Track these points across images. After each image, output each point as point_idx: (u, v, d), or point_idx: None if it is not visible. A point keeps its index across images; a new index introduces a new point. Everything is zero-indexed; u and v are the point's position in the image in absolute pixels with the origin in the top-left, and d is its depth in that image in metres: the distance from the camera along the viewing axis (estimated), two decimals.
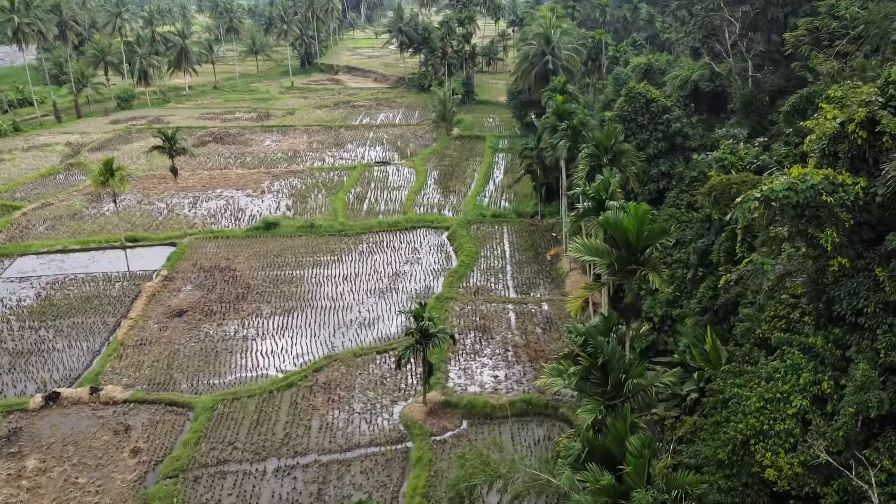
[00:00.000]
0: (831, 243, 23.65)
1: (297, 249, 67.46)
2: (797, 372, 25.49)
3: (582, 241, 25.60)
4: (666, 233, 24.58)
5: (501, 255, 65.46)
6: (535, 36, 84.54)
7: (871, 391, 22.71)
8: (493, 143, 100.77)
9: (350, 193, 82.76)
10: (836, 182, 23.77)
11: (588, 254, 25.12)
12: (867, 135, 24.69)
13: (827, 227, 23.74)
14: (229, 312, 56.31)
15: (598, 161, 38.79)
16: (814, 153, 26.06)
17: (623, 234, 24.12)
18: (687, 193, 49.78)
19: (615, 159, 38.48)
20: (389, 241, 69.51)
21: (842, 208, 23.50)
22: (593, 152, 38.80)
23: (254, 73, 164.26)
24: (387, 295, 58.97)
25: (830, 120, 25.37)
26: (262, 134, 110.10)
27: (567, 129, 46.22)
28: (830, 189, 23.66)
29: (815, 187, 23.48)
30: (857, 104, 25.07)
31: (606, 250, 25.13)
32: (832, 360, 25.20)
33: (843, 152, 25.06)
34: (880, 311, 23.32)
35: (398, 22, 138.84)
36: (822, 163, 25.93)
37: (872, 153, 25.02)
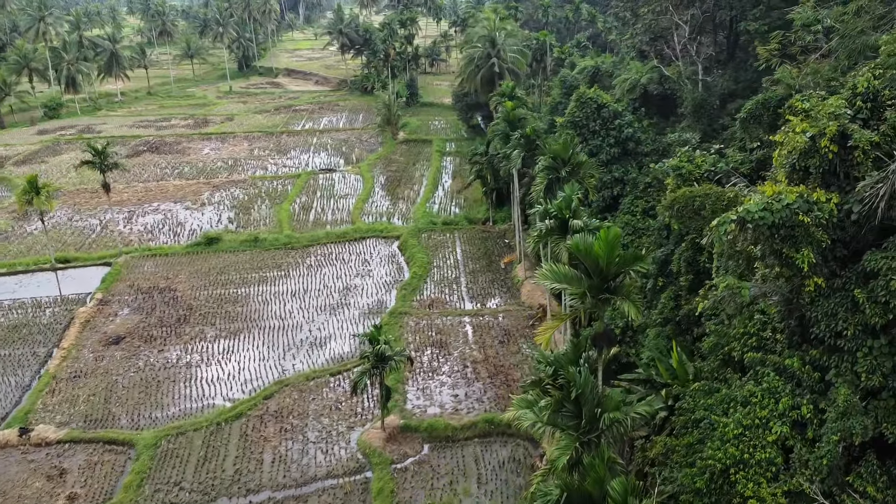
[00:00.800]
0: (808, 264, 22.65)
1: (241, 265, 64.44)
2: (775, 396, 24.51)
3: (550, 268, 24.06)
4: (639, 259, 23.25)
5: (455, 264, 63.80)
6: (479, 38, 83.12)
7: (854, 417, 21.82)
8: (441, 147, 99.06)
9: (295, 203, 79.89)
10: (811, 200, 22.79)
11: (557, 281, 23.60)
12: (838, 149, 23.82)
13: (803, 247, 22.72)
14: (170, 337, 53.13)
15: (556, 174, 37.46)
16: (783, 168, 25.07)
17: (594, 260, 22.69)
18: (642, 200, 49.05)
19: (573, 171, 37.23)
20: (338, 253, 67.09)
21: (818, 228, 22.52)
22: (550, 164, 37.46)
23: (190, 78, 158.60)
24: (338, 311, 56.64)
25: (800, 134, 24.40)
26: (200, 142, 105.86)
27: (520, 139, 44.84)
28: (805, 208, 22.67)
29: (791, 207, 22.44)
30: (826, 117, 24.16)
31: (576, 276, 23.66)
32: (810, 382, 24.29)
33: (815, 167, 24.13)
34: (860, 334, 22.44)
35: (338, 23, 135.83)
36: (793, 178, 24.99)
37: (843, 167, 24.17)
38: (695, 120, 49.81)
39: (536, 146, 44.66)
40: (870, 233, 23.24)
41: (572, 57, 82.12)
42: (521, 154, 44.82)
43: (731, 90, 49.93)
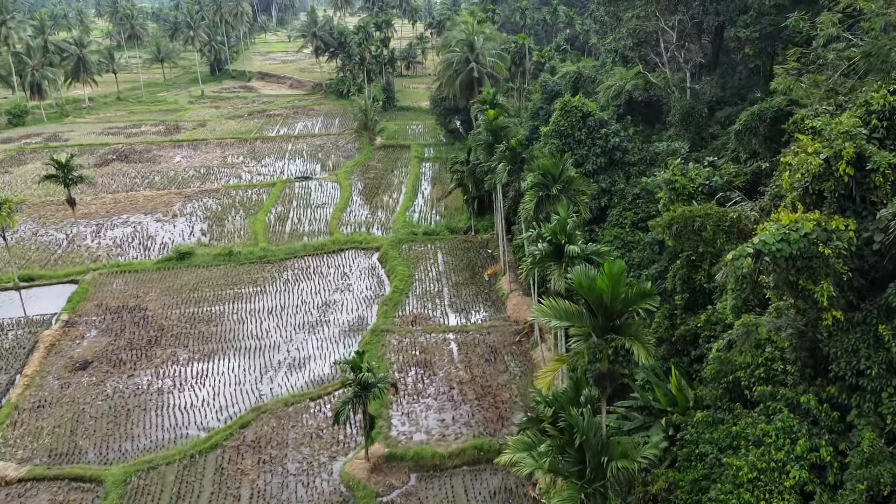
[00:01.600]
0: (827, 298, 20.93)
1: (214, 281, 61.74)
2: (791, 436, 22.80)
3: (549, 303, 22.11)
4: (648, 296, 21.43)
5: (437, 276, 61.70)
6: (457, 42, 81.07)
7: (882, 464, 20.14)
8: (419, 153, 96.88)
9: (270, 214, 77.26)
10: (829, 228, 21.07)
11: (557, 318, 21.65)
12: (854, 171, 22.16)
13: (821, 280, 21.00)
14: (141, 361, 50.39)
15: (546, 191, 35.56)
16: (795, 191, 23.36)
17: (597, 296, 20.79)
18: (630, 212, 47.36)
19: (564, 188, 35.39)
20: (316, 267, 64.65)
21: (838, 259, 20.81)
22: (540, 181, 35.58)
23: (160, 82, 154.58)
24: (317, 329, 54.28)
25: (812, 155, 22.69)
26: (171, 149, 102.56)
27: (506, 151, 42.93)
28: (824, 237, 20.94)
29: (809, 237, 20.69)
30: (840, 137, 22.49)
31: (577, 313, 21.73)
32: (828, 422, 22.61)
33: (830, 191, 22.44)
34: (884, 373, 20.78)
35: (312, 26, 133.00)
36: (805, 202, 23.30)
37: (860, 191, 22.53)
38: (683, 128, 48.26)
39: (522, 159, 42.74)
40: (891, 262, 21.60)
41: (552, 61, 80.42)
42: (507, 167, 42.89)
43: (718, 97, 48.45)
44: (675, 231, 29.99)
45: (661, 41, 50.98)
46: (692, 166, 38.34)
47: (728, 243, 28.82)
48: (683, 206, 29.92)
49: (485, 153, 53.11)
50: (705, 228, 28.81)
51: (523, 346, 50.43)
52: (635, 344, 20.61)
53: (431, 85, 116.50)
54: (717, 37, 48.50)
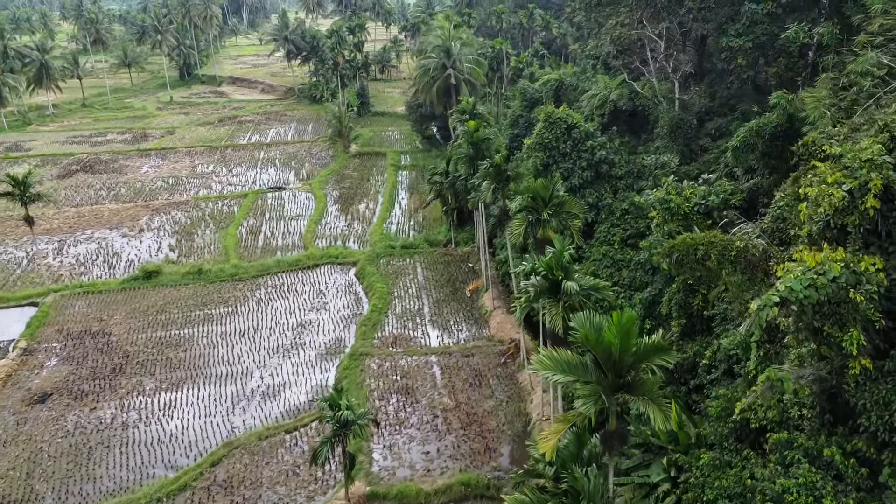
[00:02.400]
0: (856, 346, 18.83)
1: (183, 302, 58.60)
2: (815, 494, 20.71)
3: (549, 355, 19.77)
4: (663, 351, 19.21)
5: (417, 293, 59.18)
6: (434, 48, 78.59)
7: None
8: (395, 160, 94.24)
9: (242, 227, 74.13)
10: (858, 271, 18.98)
11: (560, 372, 19.33)
12: (881, 204, 20.12)
13: (850, 327, 18.90)
14: (104, 392, 47.22)
15: (536, 215, 33.26)
16: (814, 224, 21.26)
17: (605, 350, 18.51)
18: (619, 228, 45.29)
19: (556, 212, 33.10)
20: (291, 284, 61.77)
21: (869, 304, 18.73)
22: (530, 205, 33.28)
23: (128, 88, 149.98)
24: (292, 353, 51.50)
25: (834, 187, 20.61)
26: (138, 159, 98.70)
27: (490, 168, 40.55)
28: (853, 280, 18.84)
29: (837, 281, 18.58)
30: (864, 166, 20.44)
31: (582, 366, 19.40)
32: (856, 479, 20.55)
33: (854, 226, 20.37)
34: None
35: (283, 30, 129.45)
36: (826, 236, 21.22)
37: (886, 225, 20.49)
38: (671, 140, 46.31)
39: (507, 176, 40.37)
40: None
41: (532, 67, 78.25)
42: (492, 185, 40.56)
43: (707, 107, 46.59)
44: (676, 259, 27.83)
45: (647, 49, 48.95)
46: (686, 184, 36.29)
47: (734, 274, 26.76)
48: (685, 234, 27.79)
49: (466, 166, 50.74)
50: (709, 258, 26.69)
51: (509, 367, 48.16)
52: (650, 407, 18.36)
53: (407, 90, 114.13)
54: (702, 45, 46.59)
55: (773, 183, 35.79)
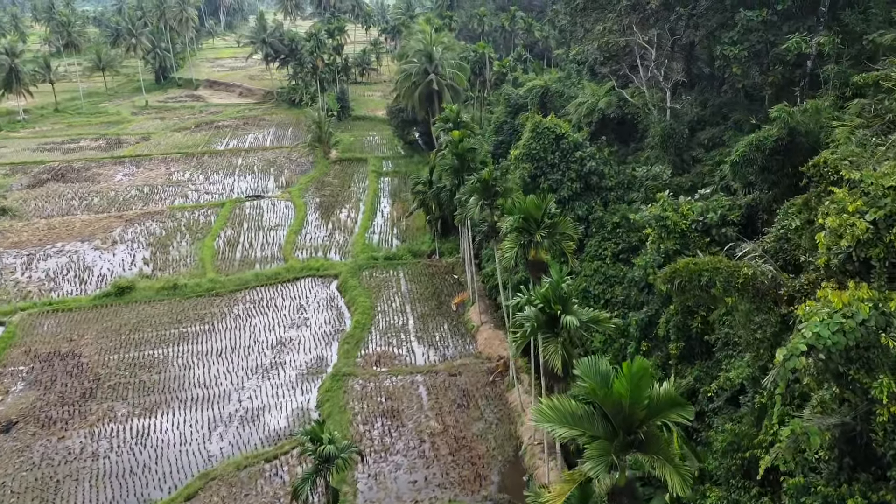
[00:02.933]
0: (886, 394, 17.17)
1: (158, 319, 56.09)
2: None
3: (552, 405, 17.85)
4: (679, 406, 17.45)
5: (401, 307, 57.14)
6: (415, 53, 76.56)
7: None
8: (377, 166, 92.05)
9: (219, 238, 71.61)
10: (888, 311, 17.31)
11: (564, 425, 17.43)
12: None
13: (879, 372, 17.23)
14: (73, 419, 44.72)
15: (529, 237, 31.40)
16: (835, 256, 19.59)
17: (615, 403, 16.70)
18: (611, 242, 43.58)
19: (550, 233, 31.26)
20: (270, 299, 59.47)
21: None
22: (522, 226, 31.41)
23: (102, 92, 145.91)
24: (272, 373, 49.28)
25: (857, 217, 18.94)
26: (111, 167, 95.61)
27: (477, 183, 38.69)
28: (883, 322, 17.16)
29: (867, 324, 16.89)
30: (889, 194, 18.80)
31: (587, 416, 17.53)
32: None
33: (878, 259, 18.72)
34: None
35: (261, 32, 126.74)
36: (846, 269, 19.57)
37: None
38: (663, 150, 44.69)
39: (495, 192, 38.54)
40: None
41: (515, 73, 76.48)
42: (480, 202, 38.70)
43: (699, 116, 45.04)
44: (678, 286, 26.06)
45: (636, 56, 47.24)
46: (683, 200, 34.63)
47: (741, 302, 25.08)
48: (688, 260, 26.00)
49: (450, 178, 48.82)
50: (714, 285, 24.97)
51: (498, 387, 46.33)
52: (666, 469, 16.54)
53: (389, 94, 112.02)
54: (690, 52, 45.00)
55: (773, 198, 34.22)
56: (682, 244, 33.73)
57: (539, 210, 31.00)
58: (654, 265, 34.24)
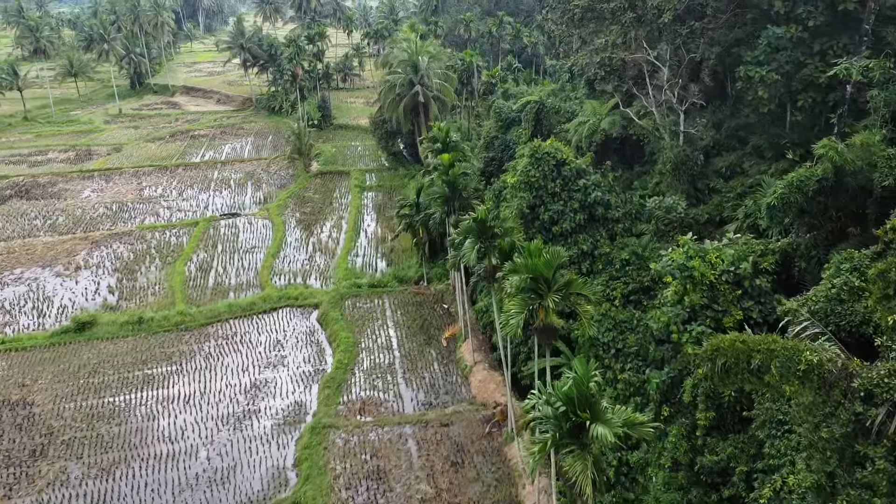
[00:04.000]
0: None
1: (120, 359, 50.72)
2: None
3: None
4: None
5: (386, 343, 52.15)
6: (400, 63, 71.51)
7: None
8: (360, 180, 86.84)
9: (191, 262, 66.18)
10: None
11: None
12: None
13: None
14: (19, 483, 39.36)
15: (539, 300, 26.56)
16: None
17: None
18: (619, 281, 38.82)
19: (564, 296, 26.41)
20: (245, 333, 54.25)
21: None
22: (529, 286, 26.57)
23: (75, 99, 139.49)
24: (245, 423, 44.16)
25: None
26: (79, 182, 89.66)
27: (473, 225, 33.66)
28: None
29: None
30: None
31: None
32: None
33: None
34: None
35: (239, 37, 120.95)
36: None
37: None
38: (675, 178, 40.08)
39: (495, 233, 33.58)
40: None
41: (506, 84, 71.64)
42: (476, 246, 33.78)
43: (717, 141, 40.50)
44: (722, 367, 21.39)
45: (644, 74, 42.48)
46: (709, 245, 29.94)
47: (804, 393, 20.43)
48: (734, 336, 21.36)
49: (440, 207, 43.92)
50: (768, 370, 20.32)
51: (495, 439, 41.51)
52: None
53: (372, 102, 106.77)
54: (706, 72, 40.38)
55: (812, 243, 29.75)
56: (710, 297, 29.11)
57: (550, 268, 26.20)
58: (678, 320, 29.55)
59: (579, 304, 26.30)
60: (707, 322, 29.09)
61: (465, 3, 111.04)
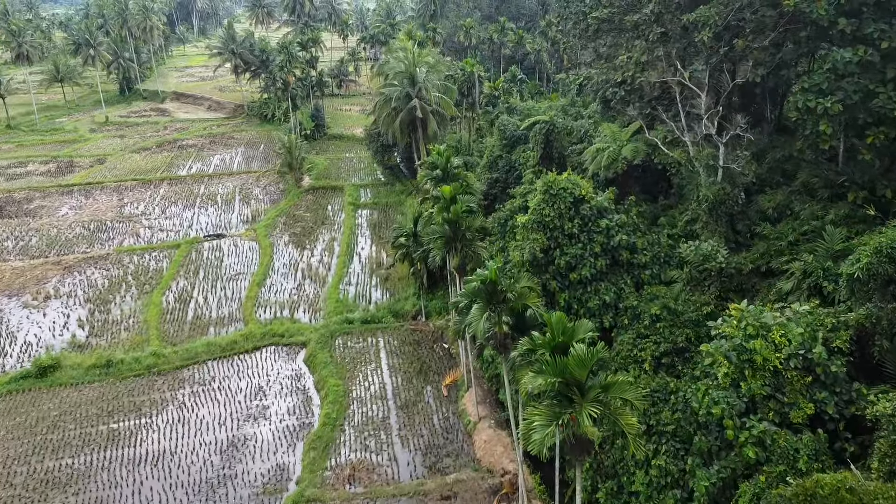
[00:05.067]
0: None
1: (84, 411, 44.92)
2: None
3: None
4: None
5: (380, 391, 46.36)
6: (396, 75, 65.57)
7: None
8: (354, 197, 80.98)
9: (170, 291, 60.31)
10: None
11: None
12: None
13: None
14: None
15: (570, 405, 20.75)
16: None
17: None
18: (649, 340, 33.01)
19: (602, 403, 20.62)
20: (224, 378, 48.43)
21: None
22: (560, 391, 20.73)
23: (61, 105, 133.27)
24: (219, 491, 38.38)
25: None
26: (58, 197, 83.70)
27: (481, 287, 27.77)
28: None
29: None
30: None
31: None
32: None
33: None
34: None
35: (230, 42, 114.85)
36: None
37: None
38: (711, 217, 34.31)
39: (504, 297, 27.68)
40: None
41: (511, 99, 65.72)
42: (485, 312, 27.88)
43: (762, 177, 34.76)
44: None
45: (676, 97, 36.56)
46: (770, 315, 24.15)
47: None
48: (834, 478, 15.63)
49: (441, 249, 38.12)
50: None
51: None
52: None
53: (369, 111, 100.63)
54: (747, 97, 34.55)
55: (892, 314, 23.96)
56: (775, 385, 23.34)
57: (584, 369, 20.46)
58: (734, 412, 23.80)
59: (621, 413, 20.50)
60: (770, 415, 23.37)
61: (465, 7, 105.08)
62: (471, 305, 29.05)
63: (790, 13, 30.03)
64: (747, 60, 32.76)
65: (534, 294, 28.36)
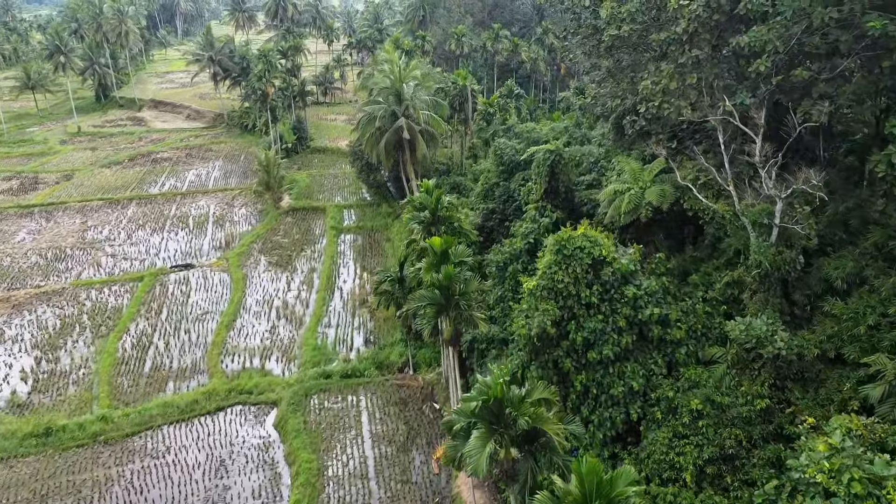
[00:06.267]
0: None
1: (12, 495, 37.66)
2: None
3: None
4: None
5: (361, 468, 39.30)
6: (381, 91, 58.43)
7: None
8: (337, 219, 73.82)
9: (128, 335, 53.06)
10: None
11: None
12: None
13: None
14: None
15: None
16: None
17: None
18: (687, 442, 26.14)
19: None
20: (180, 448, 41.30)
21: None
22: None
23: (33, 114, 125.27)
24: None
25: None
26: (16, 220, 76.12)
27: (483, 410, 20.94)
28: None
29: None
30: None
31: None
32: None
33: None
34: None
35: (209, 49, 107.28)
36: None
37: None
38: (763, 286, 27.54)
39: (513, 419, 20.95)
40: None
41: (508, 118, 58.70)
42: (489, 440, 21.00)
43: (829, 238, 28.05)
44: None
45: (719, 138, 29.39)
46: (882, 466, 17.33)
47: None
48: None
49: (431, 317, 31.19)
50: None
51: None
52: None
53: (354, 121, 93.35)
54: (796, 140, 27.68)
55: None
56: None
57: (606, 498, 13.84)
58: None
59: None
60: None
61: (456, 13, 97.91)
62: (469, 430, 22.13)
63: (873, 39, 23.34)
64: (810, 95, 25.99)
65: (554, 416, 21.49)
